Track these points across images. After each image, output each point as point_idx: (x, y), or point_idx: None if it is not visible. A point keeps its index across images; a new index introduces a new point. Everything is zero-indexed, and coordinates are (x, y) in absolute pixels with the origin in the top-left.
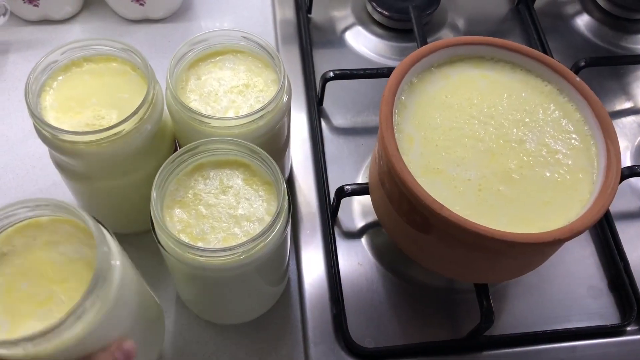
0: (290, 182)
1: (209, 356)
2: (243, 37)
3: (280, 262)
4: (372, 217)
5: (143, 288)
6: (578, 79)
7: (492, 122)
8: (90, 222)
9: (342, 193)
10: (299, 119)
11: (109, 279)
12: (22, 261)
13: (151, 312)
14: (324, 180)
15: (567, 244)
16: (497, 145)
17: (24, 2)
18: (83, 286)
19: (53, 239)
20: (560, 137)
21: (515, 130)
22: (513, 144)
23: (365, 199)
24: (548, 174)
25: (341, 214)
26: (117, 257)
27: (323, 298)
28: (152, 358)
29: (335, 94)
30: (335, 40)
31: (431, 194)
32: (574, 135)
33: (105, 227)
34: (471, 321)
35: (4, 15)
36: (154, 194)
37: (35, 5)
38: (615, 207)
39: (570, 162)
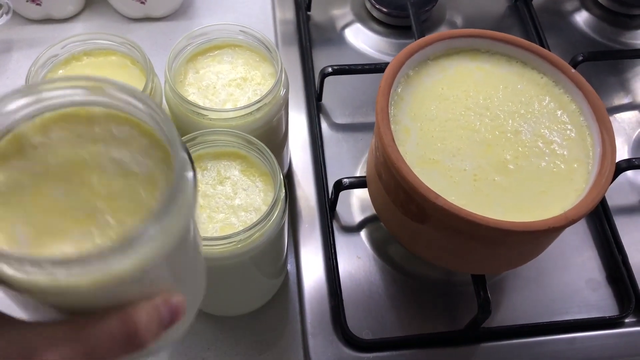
0: (289, 176)
1: (207, 348)
2: (241, 31)
3: (277, 253)
4: (371, 211)
5: (198, 240)
6: (573, 70)
7: (488, 114)
8: (166, 122)
9: (340, 186)
10: (298, 115)
11: (180, 203)
12: (58, 161)
13: (197, 273)
14: (323, 175)
15: (565, 236)
16: (492, 136)
17: (27, 1)
18: (139, 209)
19: (104, 139)
20: (555, 128)
21: (510, 121)
22: (509, 135)
23: (364, 195)
24: (543, 164)
25: (340, 209)
26: (191, 177)
27: (321, 290)
28: (185, 328)
29: (334, 90)
30: (335, 37)
31: (427, 184)
32: (569, 126)
33: (186, 151)
34: (469, 313)
35: (6, 13)
36: None
37: (37, 4)
38: (614, 200)
39: (565, 152)
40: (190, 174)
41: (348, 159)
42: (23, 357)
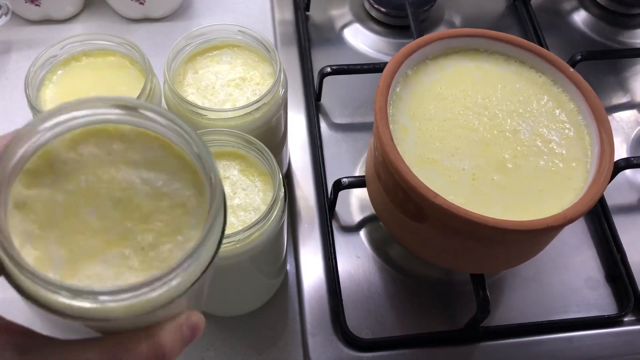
0: (288, 176)
1: (207, 348)
2: (240, 31)
3: (277, 253)
4: (370, 211)
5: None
6: (572, 69)
7: (487, 113)
8: (201, 144)
9: (339, 186)
10: (297, 115)
11: (216, 233)
12: (89, 179)
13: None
14: (322, 175)
15: (564, 235)
16: (491, 135)
17: (26, 2)
18: (171, 232)
19: (136, 159)
20: (554, 127)
21: (509, 120)
22: (507, 134)
23: (363, 195)
24: (542, 163)
25: (339, 209)
26: (224, 208)
27: (321, 290)
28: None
29: (333, 91)
30: (334, 37)
31: (426, 184)
32: (567, 125)
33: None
34: (468, 312)
35: (5, 14)
36: None
37: (37, 5)
38: (612, 199)
39: (564, 151)
40: (223, 204)
41: (347, 158)
42: None
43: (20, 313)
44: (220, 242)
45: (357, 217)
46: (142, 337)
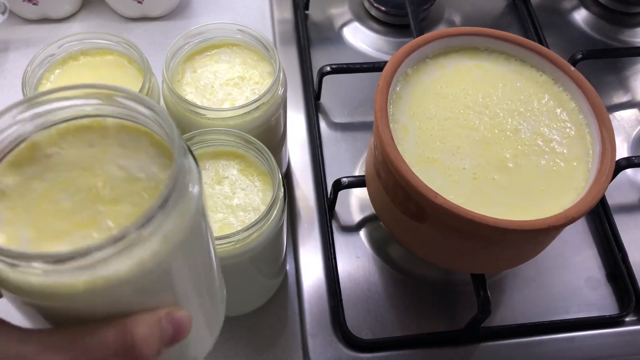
0: (287, 176)
1: None
2: (239, 30)
3: (276, 253)
4: (370, 210)
5: (213, 252)
6: (573, 68)
7: (487, 112)
8: (175, 131)
9: (339, 185)
10: (296, 115)
11: (181, 207)
12: (68, 168)
13: (215, 290)
14: (322, 174)
15: (565, 235)
16: (492, 134)
17: (24, 1)
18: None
19: (115, 147)
20: (555, 126)
21: (510, 119)
22: (508, 133)
23: (363, 194)
24: (543, 163)
25: (339, 209)
26: (196, 183)
27: (321, 290)
28: (198, 353)
29: (332, 90)
30: (333, 36)
31: (426, 183)
32: (568, 124)
33: (191, 152)
34: (469, 313)
35: (3, 13)
36: None
37: (34, 4)
38: (613, 198)
39: (565, 150)
40: (192, 183)
41: (347, 158)
42: None
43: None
44: (197, 220)
45: (357, 217)
46: (110, 326)
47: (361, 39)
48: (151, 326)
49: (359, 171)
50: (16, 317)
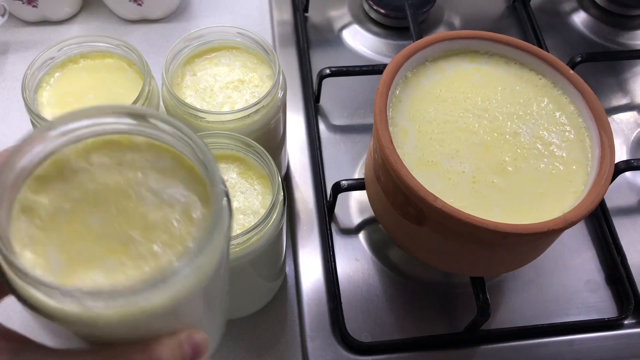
0: (287, 179)
1: None
2: (238, 33)
3: (276, 256)
4: (369, 213)
5: (227, 278)
6: (572, 71)
7: (486, 115)
8: (209, 154)
9: (338, 188)
10: (296, 117)
11: (215, 244)
12: (96, 187)
13: (226, 310)
14: (321, 177)
15: (564, 238)
16: (491, 138)
17: (23, 3)
18: (174, 241)
19: (144, 168)
20: (554, 129)
21: (509, 123)
22: (507, 137)
23: (362, 197)
24: (542, 166)
25: (338, 212)
26: (228, 221)
27: (320, 293)
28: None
29: (332, 93)
30: (332, 38)
31: (425, 186)
32: (567, 128)
33: (223, 183)
34: (468, 315)
35: (2, 15)
36: None
37: (34, 6)
38: (613, 201)
39: (564, 154)
40: (227, 215)
41: (346, 161)
42: None
43: (22, 323)
44: (224, 253)
45: (356, 220)
46: (137, 349)
47: (361, 41)
48: (174, 349)
49: (358, 174)
50: (17, 325)
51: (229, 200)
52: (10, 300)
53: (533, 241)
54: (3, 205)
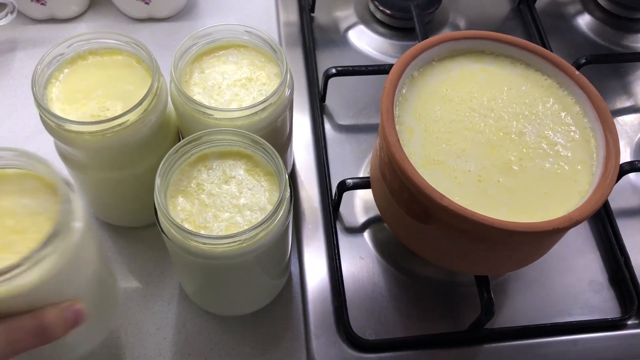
0: (292, 177)
1: (211, 348)
2: (246, 31)
3: (281, 253)
4: (374, 212)
5: (103, 264)
6: (577, 72)
7: (492, 115)
8: (59, 179)
9: (344, 187)
10: (301, 116)
11: (69, 235)
12: None
13: (106, 290)
14: (326, 176)
15: (568, 238)
16: (497, 137)
17: (31, 1)
18: (37, 237)
19: (17, 191)
20: (559, 129)
21: (515, 122)
22: (513, 136)
23: (368, 196)
24: (547, 166)
25: (343, 211)
26: (80, 219)
27: (325, 291)
28: (99, 335)
29: (337, 92)
30: (338, 39)
31: (431, 185)
32: (573, 128)
33: (72, 190)
34: (472, 314)
35: (11, 13)
36: (157, 181)
37: (42, 4)
38: (616, 203)
39: (569, 154)
40: (75, 220)
41: (351, 160)
42: None
43: None
44: (74, 250)
45: (361, 218)
46: (28, 315)
47: (366, 41)
48: (56, 314)
49: (363, 173)
50: None
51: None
52: None
53: (538, 240)
54: None
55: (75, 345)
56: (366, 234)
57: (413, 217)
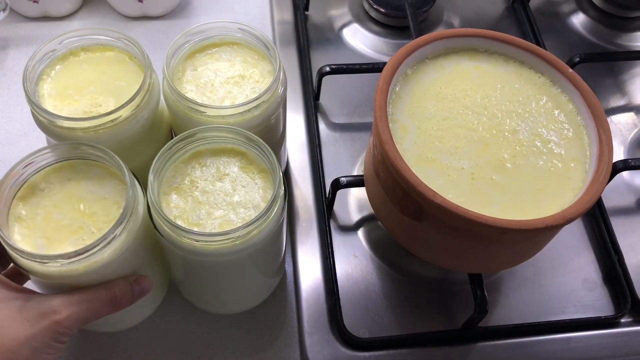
0: (286, 175)
1: (205, 346)
2: (239, 28)
3: (275, 251)
4: (368, 210)
5: (156, 242)
6: (571, 70)
7: (486, 113)
8: (124, 168)
9: (337, 185)
10: (295, 114)
11: (135, 216)
12: (58, 196)
13: (161, 264)
14: (320, 174)
15: (561, 236)
16: (490, 135)
17: None
18: (111, 221)
19: (85, 179)
20: (553, 127)
21: (508, 120)
22: (506, 134)
23: (361, 194)
24: (541, 163)
25: (337, 209)
26: (141, 203)
27: (318, 289)
28: (154, 303)
29: (332, 90)
30: (333, 37)
31: (425, 182)
32: (566, 126)
33: (135, 177)
34: (466, 312)
35: (4, 10)
36: (151, 178)
37: (35, 2)
38: (610, 201)
39: (562, 151)
40: (140, 204)
41: (345, 158)
42: (44, 315)
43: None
44: (140, 230)
45: (355, 217)
46: (102, 287)
47: (360, 40)
48: (125, 287)
49: (357, 171)
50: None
51: (142, 188)
52: None
53: (531, 237)
54: (3, 215)
55: (135, 313)
56: (360, 232)
57: (406, 215)
